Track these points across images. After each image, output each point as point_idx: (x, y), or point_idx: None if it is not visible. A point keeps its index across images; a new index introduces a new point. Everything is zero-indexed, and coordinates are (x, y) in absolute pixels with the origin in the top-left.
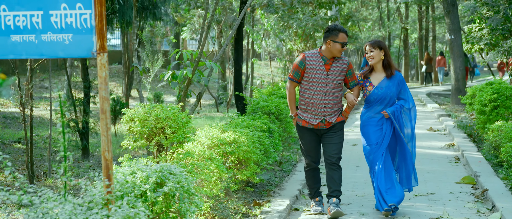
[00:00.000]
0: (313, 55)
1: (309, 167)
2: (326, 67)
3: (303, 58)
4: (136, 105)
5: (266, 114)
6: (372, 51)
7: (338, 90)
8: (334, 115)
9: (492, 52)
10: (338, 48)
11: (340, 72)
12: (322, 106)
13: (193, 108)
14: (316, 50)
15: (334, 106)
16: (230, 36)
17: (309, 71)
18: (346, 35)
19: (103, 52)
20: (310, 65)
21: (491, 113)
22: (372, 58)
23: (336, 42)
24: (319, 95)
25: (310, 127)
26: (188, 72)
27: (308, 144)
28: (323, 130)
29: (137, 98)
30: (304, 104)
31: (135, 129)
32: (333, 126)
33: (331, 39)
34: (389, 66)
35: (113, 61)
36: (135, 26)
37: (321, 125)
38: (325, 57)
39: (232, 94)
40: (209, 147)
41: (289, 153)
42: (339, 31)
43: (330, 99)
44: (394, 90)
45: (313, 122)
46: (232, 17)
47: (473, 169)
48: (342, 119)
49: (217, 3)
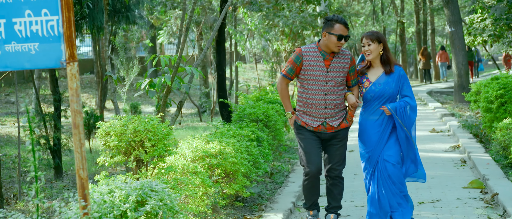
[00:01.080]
0: (310, 50)
1: (309, 176)
2: (326, 63)
3: (300, 53)
4: (112, 118)
5: (253, 121)
6: (370, 44)
7: (340, 89)
8: (336, 117)
9: (496, 44)
10: (334, 41)
11: (341, 69)
12: (322, 108)
13: (174, 118)
14: (314, 44)
15: (336, 107)
16: (211, 38)
17: (306, 67)
18: (345, 27)
19: (73, 62)
20: (307, 61)
21: (498, 110)
22: (370, 52)
23: (332, 35)
24: (318, 95)
25: (310, 129)
26: (167, 79)
27: (309, 146)
28: (325, 135)
29: (112, 110)
30: (303, 105)
31: (112, 144)
32: (337, 134)
33: (327, 31)
34: (388, 61)
35: (85, 70)
36: (107, 31)
37: (322, 128)
38: (324, 52)
39: (215, 102)
40: (193, 160)
41: (280, 163)
42: (335, 21)
43: (331, 99)
44: (393, 86)
45: (313, 124)
46: (213, 17)
47: (481, 172)
48: (347, 125)
49: (195, 3)
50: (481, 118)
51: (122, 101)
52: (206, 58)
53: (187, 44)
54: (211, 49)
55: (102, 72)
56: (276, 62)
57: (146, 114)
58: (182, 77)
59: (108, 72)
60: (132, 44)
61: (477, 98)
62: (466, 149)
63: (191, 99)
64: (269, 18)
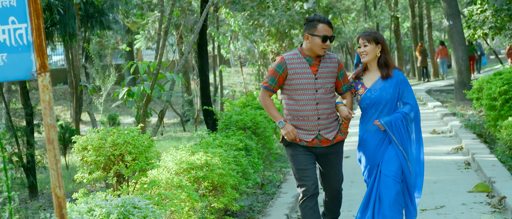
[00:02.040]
0: (294, 56)
1: (307, 195)
2: (313, 69)
3: (282, 61)
4: (89, 131)
5: (241, 129)
6: (366, 45)
7: (331, 96)
8: (331, 128)
9: (498, 36)
10: (319, 43)
11: (330, 74)
12: (315, 119)
13: (155, 129)
14: (297, 50)
15: (329, 117)
16: (192, 41)
17: (292, 76)
18: (329, 27)
19: (44, 72)
20: (292, 69)
21: (503, 107)
22: (366, 54)
23: (316, 36)
24: (309, 105)
25: (303, 145)
26: (146, 87)
27: (303, 162)
28: (320, 150)
29: (89, 122)
30: (293, 119)
31: (89, 159)
32: (333, 148)
33: (309, 32)
34: (386, 65)
35: (58, 81)
36: (80, 38)
37: (317, 142)
38: (309, 57)
39: (199, 110)
40: (178, 173)
41: (271, 173)
42: (318, 21)
43: (324, 108)
44: (391, 92)
45: (307, 138)
46: (193, 19)
47: (487, 174)
48: (343, 138)
49: (174, 4)
50: (485, 116)
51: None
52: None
53: (166, 49)
54: (193, 53)
55: (76, 83)
56: (263, 65)
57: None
58: (162, 85)
59: (82, 82)
60: (107, 51)
61: (479, 96)
62: (470, 150)
63: (173, 108)
64: (254, 17)
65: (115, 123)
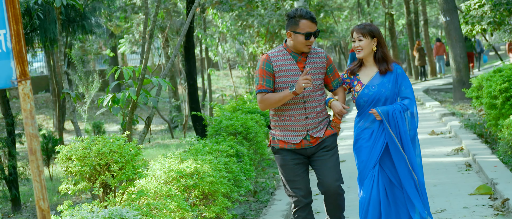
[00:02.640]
0: (278, 53)
1: (298, 206)
2: (300, 66)
3: (267, 59)
4: (72, 140)
5: (231, 134)
6: (361, 39)
7: (319, 93)
8: (320, 127)
9: (497, 32)
10: (302, 41)
11: (318, 70)
12: (303, 118)
13: (142, 136)
14: (281, 46)
15: (318, 115)
16: (178, 44)
17: (279, 74)
18: (312, 22)
19: (25, 80)
20: (278, 66)
21: (504, 106)
22: (360, 49)
23: (298, 34)
24: (296, 104)
25: (291, 148)
26: (132, 93)
27: (292, 173)
28: (310, 150)
29: (73, 131)
30: (279, 120)
31: (74, 169)
32: (323, 143)
33: (291, 29)
34: (384, 59)
35: (39, 89)
36: (61, 43)
37: (306, 143)
38: (294, 53)
39: (188, 115)
40: (167, 182)
41: (264, 179)
42: (300, 17)
43: (312, 107)
44: (390, 88)
45: (294, 140)
46: (179, 21)
47: (489, 175)
48: (332, 132)
49: (158, 6)
50: (485, 115)
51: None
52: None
53: (152, 52)
54: (179, 56)
55: (58, 90)
56: (253, 67)
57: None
58: (148, 90)
59: (65, 90)
60: (90, 56)
61: (479, 94)
62: (471, 151)
63: (160, 114)
64: (242, 18)
65: (100, 131)
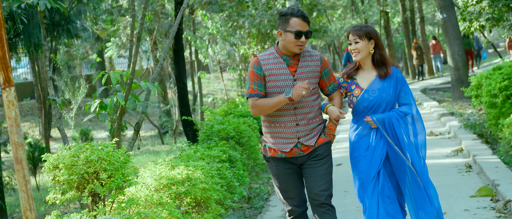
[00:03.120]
0: (269, 56)
1: (293, 215)
2: (291, 70)
3: (257, 62)
4: (59, 148)
5: (223, 139)
6: (357, 42)
7: (313, 99)
8: (312, 134)
9: (496, 28)
10: (292, 40)
11: (312, 73)
12: (293, 125)
13: (132, 143)
14: (273, 49)
15: (311, 122)
16: (167, 47)
17: (269, 78)
18: (303, 21)
19: (9, 87)
20: (268, 70)
21: (504, 105)
22: (358, 52)
23: (288, 32)
24: (287, 110)
25: (282, 156)
26: (120, 98)
27: (285, 183)
28: (301, 158)
29: (59, 139)
30: (270, 126)
31: (62, 178)
32: (315, 151)
33: (282, 28)
34: (383, 62)
35: (24, 96)
36: (46, 48)
37: (297, 151)
38: (286, 56)
39: (178, 120)
40: (157, 190)
41: (258, 185)
42: (291, 15)
43: (303, 113)
44: (391, 93)
45: (285, 148)
46: (167, 23)
47: (490, 177)
48: (326, 140)
49: (146, 8)
50: (485, 115)
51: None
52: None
53: (140, 56)
54: (168, 59)
55: (44, 97)
56: (244, 69)
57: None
58: (137, 95)
59: (51, 96)
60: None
61: (478, 93)
62: (471, 152)
63: (150, 119)
64: (233, 18)
65: (87, 138)
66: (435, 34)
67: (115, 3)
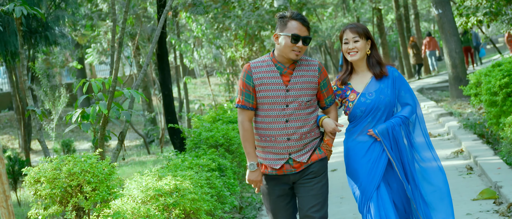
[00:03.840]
0: (262, 63)
1: None
2: (284, 79)
3: (248, 69)
4: (41, 161)
5: (212, 147)
6: (357, 41)
7: (307, 112)
8: (305, 150)
9: (494, 23)
10: (289, 44)
11: (307, 84)
12: (284, 139)
13: (116, 153)
14: (268, 56)
15: (303, 137)
16: (150, 52)
17: (259, 88)
18: (302, 25)
19: None
20: (259, 78)
21: (505, 102)
22: (356, 52)
23: (285, 36)
24: (277, 123)
25: (272, 173)
26: (102, 107)
27: (274, 206)
28: (294, 176)
29: (40, 151)
30: (260, 139)
31: (44, 192)
32: (308, 168)
33: (278, 31)
34: (378, 63)
35: (2, 107)
36: (24, 57)
37: (288, 168)
38: (280, 64)
39: (164, 128)
40: (144, 202)
41: (250, 194)
42: (289, 18)
43: (296, 127)
44: (389, 93)
45: (275, 164)
46: (150, 27)
47: (492, 178)
48: (321, 156)
49: (127, 11)
50: (485, 114)
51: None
52: (147, 77)
53: (122, 62)
54: (152, 65)
55: (23, 107)
56: (232, 73)
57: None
58: (120, 103)
59: (30, 107)
60: (56, 69)
61: (478, 91)
62: (471, 153)
63: (134, 128)
64: (218, 20)
65: (70, 150)
66: (430, 31)
67: (94, 8)
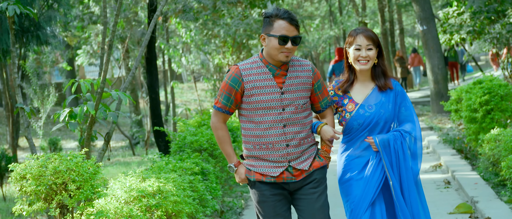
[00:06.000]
0: (252, 65)
1: None
2: (278, 81)
3: (236, 72)
4: (27, 157)
5: (196, 151)
6: (370, 49)
7: (304, 116)
8: (305, 157)
9: (477, 41)
10: (276, 46)
11: (302, 86)
12: (283, 146)
13: (102, 153)
14: (257, 57)
15: (302, 142)
16: (140, 55)
17: (251, 92)
18: (290, 24)
19: None
20: (250, 82)
21: (484, 120)
22: (367, 60)
23: (271, 36)
24: (275, 128)
25: (270, 181)
26: (90, 107)
27: (273, 212)
28: (294, 185)
29: (27, 148)
30: (253, 148)
31: (29, 189)
32: (310, 177)
33: (265, 32)
34: (384, 74)
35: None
36: (15, 55)
37: (288, 176)
38: (272, 65)
39: (150, 131)
40: (128, 202)
41: (231, 198)
42: (276, 17)
43: (294, 132)
44: (390, 108)
45: (273, 172)
46: (140, 31)
47: (469, 193)
48: (322, 164)
49: (118, 14)
50: (465, 129)
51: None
52: (136, 80)
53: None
54: (141, 68)
55: (12, 104)
56: (219, 80)
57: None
58: (108, 104)
59: (19, 104)
60: (46, 68)
61: (458, 107)
62: (450, 168)
63: (121, 129)
64: (208, 27)
65: (56, 148)
66: (415, 46)
67: (86, 10)
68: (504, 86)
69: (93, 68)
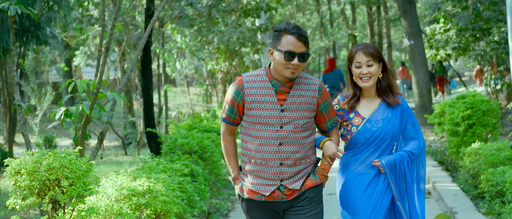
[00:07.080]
0: (256, 78)
1: None
2: (280, 98)
3: (239, 83)
4: (22, 153)
5: (186, 153)
6: (371, 65)
7: (303, 136)
8: (298, 176)
9: (462, 57)
10: (282, 61)
11: (305, 106)
12: (276, 164)
13: (95, 152)
14: (262, 70)
15: (298, 163)
16: (135, 58)
17: (250, 105)
18: (298, 40)
19: None
20: (251, 95)
21: (466, 133)
22: (369, 77)
23: (278, 51)
24: (270, 145)
25: (260, 199)
26: (85, 107)
27: None
28: (285, 204)
29: (23, 144)
30: (248, 161)
31: (23, 184)
32: (302, 195)
33: (273, 46)
34: (390, 89)
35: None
36: (15, 54)
37: (279, 195)
38: (276, 80)
39: (142, 132)
40: (118, 200)
41: (219, 200)
42: (284, 32)
43: (290, 151)
44: (397, 124)
45: (264, 190)
46: (137, 35)
47: (448, 204)
48: (316, 182)
49: (116, 18)
50: (447, 142)
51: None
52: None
53: (107, 66)
54: (136, 71)
55: (10, 101)
56: (211, 85)
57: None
58: (103, 105)
59: (17, 101)
60: (44, 67)
61: (441, 121)
62: (431, 179)
63: (114, 129)
64: (202, 34)
65: (51, 145)
66: (402, 60)
67: (85, 12)
68: (486, 102)
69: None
